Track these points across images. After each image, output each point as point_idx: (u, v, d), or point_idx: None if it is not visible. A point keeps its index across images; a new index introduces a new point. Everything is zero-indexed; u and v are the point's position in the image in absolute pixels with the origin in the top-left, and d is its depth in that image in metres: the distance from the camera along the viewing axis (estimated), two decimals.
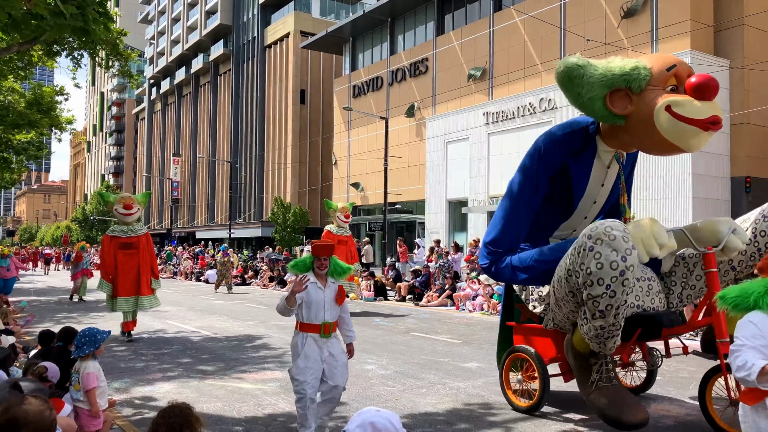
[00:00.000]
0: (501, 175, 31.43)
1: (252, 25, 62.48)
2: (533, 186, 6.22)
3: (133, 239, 11.26)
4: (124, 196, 11.58)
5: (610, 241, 4.90)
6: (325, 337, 5.36)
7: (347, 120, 44.57)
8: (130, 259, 11.19)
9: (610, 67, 5.62)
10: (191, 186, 74.00)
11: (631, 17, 26.88)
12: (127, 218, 11.31)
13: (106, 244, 11.38)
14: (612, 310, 5.02)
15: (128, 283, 11.13)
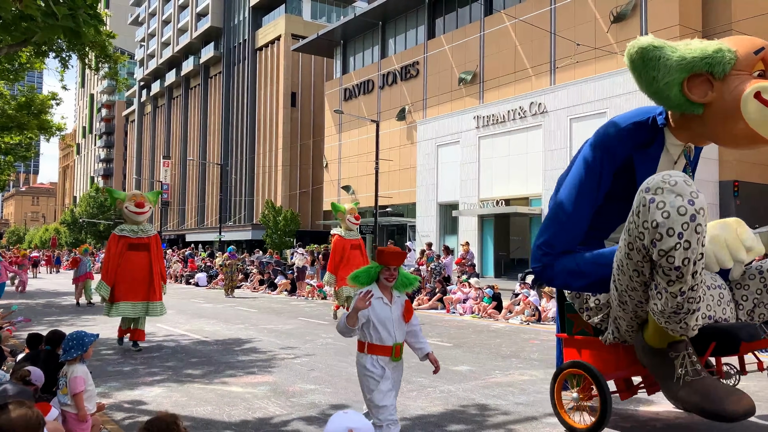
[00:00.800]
0: (491, 179, 31.52)
1: (243, 28, 62.38)
2: (595, 182, 5.60)
3: (143, 240, 10.58)
4: (136, 193, 10.84)
5: (672, 186, 4.43)
6: (395, 361, 4.65)
7: (338, 123, 44.56)
8: (139, 261, 10.48)
9: (690, 48, 5.09)
10: (181, 188, 73.73)
11: (620, 22, 27.06)
12: (139, 217, 10.62)
13: (113, 243, 10.53)
14: (689, 265, 4.39)
15: (137, 287, 10.40)
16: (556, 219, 5.83)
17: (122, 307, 10.37)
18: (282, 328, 13.14)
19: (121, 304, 10.35)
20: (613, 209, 5.74)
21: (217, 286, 26.69)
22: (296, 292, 22.16)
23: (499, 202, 30.44)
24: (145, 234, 10.64)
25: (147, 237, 10.64)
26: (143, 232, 10.62)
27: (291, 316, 15.67)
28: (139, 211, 10.60)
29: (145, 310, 10.47)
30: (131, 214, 10.60)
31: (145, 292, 10.47)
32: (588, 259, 5.55)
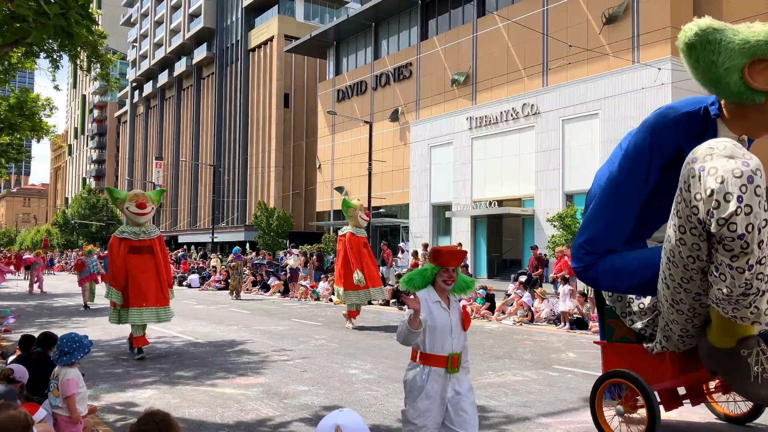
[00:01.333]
0: (484, 180, 31.58)
1: (236, 29, 62.27)
2: (643, 175, 5.16)
3: (146, 242, 9.97)
4: (137, 193, 10.18)
5: (721, 150, 4.10)
6: (451, 372, 4.16)
7: (331, 124, 44.55)
8: (142, 265, 9.88)
9: (753, 31, 4.63)
10: (174, 190, 73.51)
11: (612, 23, 27.15)
12: (140, 218, 9.98)
13: (114, 247, 9.94)
14: (754, 232, 3.93)
15: (144, 293, 9.77)
16: (600, 214, 5.36)
17: (132, 313, 9.74)
18: (275, 330, 13.11)
19: (130, 310, 9.73)
20: (657, 205, 5.27)
21: (209, 287, 26.62)
22: (289, 294, 22.12)
23: (492, 203, 30.49)
24: (148, 236, 10.02)
25: (150, 239, 10.03)
26: (145, 233, 10.02)
27: (284, 317, 15.65)
28: (140, 212, 9.97)
29: (155, 316, 9.91)
30: (132, 216, 10.00)
31: (153, 297, 9.87)
32: (637, 257, 5.15)
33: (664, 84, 23.94)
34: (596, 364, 9.14)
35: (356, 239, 13.76)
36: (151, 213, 10.13)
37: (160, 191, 10.88)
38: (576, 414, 6.44)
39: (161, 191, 10.97)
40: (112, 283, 9.80)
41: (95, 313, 16.93)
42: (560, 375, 8.40)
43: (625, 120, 25.55)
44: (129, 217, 10.07)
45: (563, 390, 7.48)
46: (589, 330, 12.78)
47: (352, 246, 13.61)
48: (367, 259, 13.74)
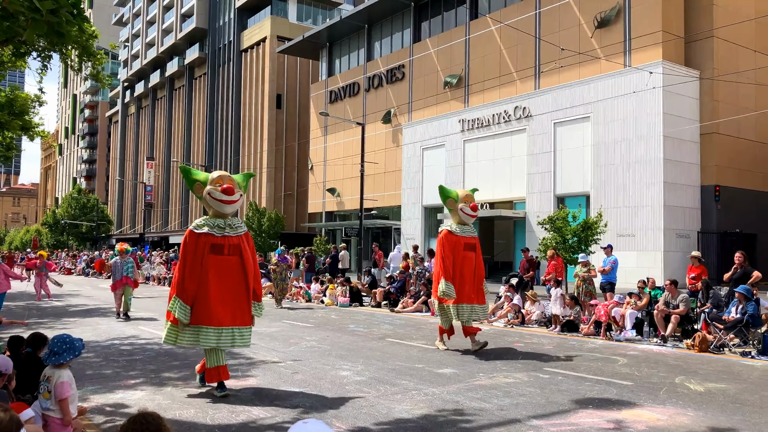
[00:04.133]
0: (476, 182, 31.62)
1: (228, 29, 62.15)
2: None
3: (232, 240, 7.59)
4: (222, 175, 7.81)
5: None
6: None
7: (324, 125, 44.53)
8: (225, 270, 7.48)
9: None
10: (165, 190, 73.25)
11: (604, 27, 27.28)
12: (226, 207, 7.66)
13: (190, 244, 7.51)
14: None
15: (224, 307, 7.39)
16: None
17: (203, 334, 7.27)
18: (266, 331, 13.08)
19: (202, 330, 7.28)
20: None
21: None
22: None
23: (484, 205, 30.54)
24: (234, 231, 7.70)
25: (237, 235, 7.68)
26: (231, 228, 7.69)
27: (275, 318, 15.61)
28: (227, 199, 7.61)
29: (231, 339, 7.42)
30: (217, 203, 7.60)
31: (233, 313, 7.44)
32: None
33: (656, 88, 24.07)
34: (586, 366, 9.19)
35: (454, 239, 10.64)
36: (239, 201, 7.81)
37: (247, 174, 8.62)
38: (566, 416, 6.46)
39: (249, 174, 8.67)
40: (180, 291, 7.39)
41: (85, 313, 16.85)
42: (551, 377, 8.42)
43: (617, 123, 25.67)
44: (211, 205, 7.69)
45: (554, 392, 7.51)
46: (580, 332, 12.83)
47: (446, 247, 10.60)
48: (470, 267, 10.66)
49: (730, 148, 26.20)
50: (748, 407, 6.87)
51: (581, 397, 7.28)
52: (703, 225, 25.55)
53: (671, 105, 24.61)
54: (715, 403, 7.02)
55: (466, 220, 10.92)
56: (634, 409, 6.74)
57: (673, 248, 24.26)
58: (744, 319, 10.87)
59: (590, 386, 7.86)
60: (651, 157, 24.50)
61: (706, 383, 8.11)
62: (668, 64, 24.74)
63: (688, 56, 26.25)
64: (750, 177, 27.02)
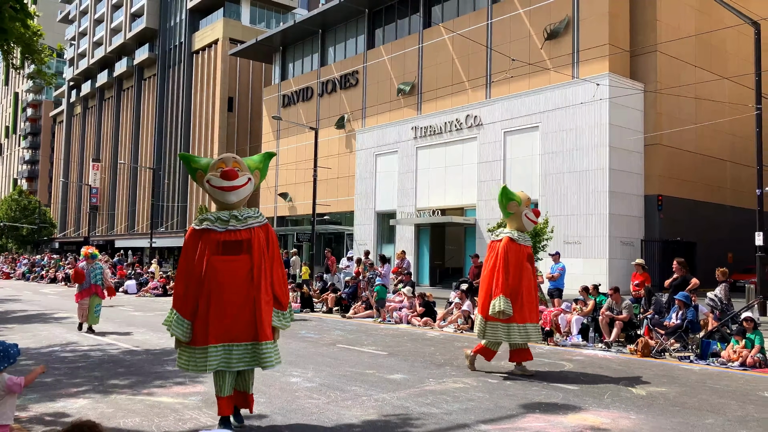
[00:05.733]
0: (428, 189, 31.89)
1: (179, 30, 61.16)
2: None
3: (242, 235, 6.20)
4: (225, 157, 6.42)
5: None
6: None
7: (276, 129, 44.21)
8: (231, 272, 6.10)
9: None
10: (111, 193, 71.42)
11: (553, 39, 27.93)
12: (229, 195, 6.20)
13: (190, 244, 6.28)
14: None
15: (232, 319, 6.03)
16: None
17: (211, 354, 5.97)
18: None
19: (210, 350, 5.96)
20: None
21: (147, 293, 25.94)
22: None
23: (435, 211, 30.82)
24: (243, 224, 6.26)
25: (246, 228, 6.25)
26: (238, 220, 6.26)
27: None
28: (227, 185, 6.18)
29: (249, 358, 6.08)
30: (216, 191, 6.26)
31: (247, 327, 6.06)
32: None
33: (602, 99, 24.76)
34: (534, 371, 9.34)
35: (516, 248, 9.23)
36: (246, 187, 6.30)
37: (268, 154, 6.90)
38: (514, 421, 6.56)
39: (269, 154, 6.92)
40: (178, 303, 6.15)
41: (25, 319, 16.26)
42: (499, 382, 8.54)
43: (564, 133, 26.29)
44: (212, 195, 6.38)
45: (502, 397, 7.62)
46: None
47: (509, 258, 9.12)
48: (528, 280, 9.26)
49: (672, 159, 27.14)
50: (687, 410, 7.11)
51: (528, 401, 7.41)
52: (646, 233, 26.36)
53: (617, 116, 25.35)
54: (657, 406, 7.24)
55: (527, 226, 9.59)
56: (579, 413, 6.89)
57: (617, 255, 24.94)
58: (683, 324, 11.25)
59: (537, 391, 8.00)
60: (597, 166, 25.16)
61: (648, 387, 8.35)
62: (614, 77, 25.49)
63: (633, 69, 27.10)
64: (690, 187, 28.04)
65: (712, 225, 28.66)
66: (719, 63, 29.63)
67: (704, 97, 27.85)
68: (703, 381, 8.93)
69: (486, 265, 9.53)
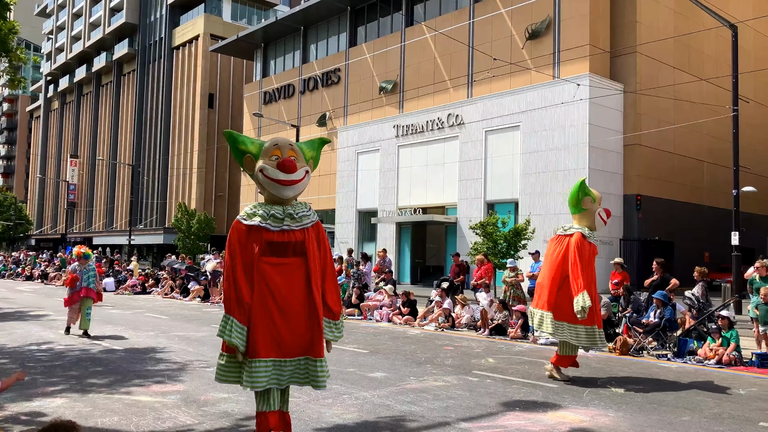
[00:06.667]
0: (410, 187, 31.92)
1: (159, 26, 60.59)
2: None
3: (295, 235, 5.42)
4: (281, 143, 5.50)
5: None
6: None
7: (257, 126, 43.99)
8: (287, 278, 5.41)
9: None
10: (89, 189, 70.58)
11: (535, 39, 28.08)
12: (286, 190, 5.40)
13: (238, 239, 5.44)
14: None
15: (284, 331, 5.33)
16: None
17: (260, 369, 5.20)
18: (194, 336, 12.79)
19: (259, 364, 5.20)
20: None
21: (126, 291, 25.68)
22: (210, 299, 21.63)
23: (417, 210, 30.86)
24: (299, 223, 5.47)
25: (301, 228, 5.47)
26: (293, 218, 5.46)
27: (204, 323, 15.28)
28: (286, 179, 5.36)
29: (302, 375, 5.41)
30: (272, 184, 5.40)
31: (301, 340, 5.39)
32: None
33: (583, 100, 24.95)
34: (514, 369, 9.41)
35: (587, 247, 8.85)
36: (304, 181, 5.52)
37: (320, 141, 6.02)
38: (494, 419, 6.60)
39: (322, 141, 6.07)
40: (232, 306, 5.29)
41: (0, 317, 16.01)
42: (480, 380, 8.58)
43: (545, 133, 26.46)
44: (265, 186, 5.50)
45: (483, 395, 7.65)
46: (508, 336, 13.12)
47: (582, 254, 8.65)
48: (595, 282, 8.90)
49: (650, 159, 27.43)
50: (665, 407, 7.20)
51: (508, 399, 7.45)
52: (625, 232, 26.64)
53: (597, 116, 25.57)
54: (635, 404, 7.32)
55: (598, 226, 9.16)
56: (558, 411, 6.95)
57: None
58: (661, 323, 11.39)
59: (517, 389, 8.05)
60: (577, 166, 25.36)
61: (626, 385, 8.44)
62: (595, 77, 25.70)
63: (613, 70, 27.35)
64: (669, 187, 28.37)
65: (689, 225, 29.04)
66: (697, 65, 30.01)
67: (683, 99, 28.20)
68: (681, 379, 9.05)
69: (550, 258, 8.97)
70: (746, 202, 24.63)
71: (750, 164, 27.16)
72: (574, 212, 9.32)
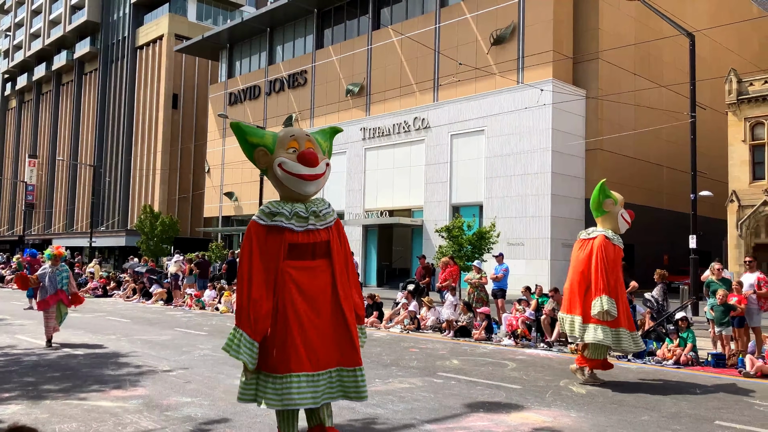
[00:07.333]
0: (376, 190, 31.97)
1: (122, 24, 59.57)
2: None
3: (321, 235, 5.05)
4: (297, 134, 5.13)
5: None
6: None
7: (222, 127, 43.55)
8: (315, 282, 5.02)
9: None
10: (48, 190, 68.96)
11: (500, 45, 28.39)
12: (308, 185, 5.02)
13: (256, 242, 4.93)
14: None
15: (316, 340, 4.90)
16: None
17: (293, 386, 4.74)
18: (157, 339, 12.60)
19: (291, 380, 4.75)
20: None
21: (86, 294, 25.14)
22: (173, 302, 21.33)
23: (383, 212, 30.93)
24: (323, 221, 5.10)
25: (326, 227, 5.11)
26: (317, 216, 5.08)
27: (167, 326, 15.06)
28: (308, 173, 4.96)
29: (338, 388, 5.03)
30: (292, 179, 4.98)
31: (334, 349, 5.01)
32: None
33: (546, 105, 25.32)
34: (479, 371, 9.49)
35: (612, 249, 8.82)
36: (326, 175, 5.19)
37: (332, 130, 5.82)
38: (458, 420, 6.65)
39: (335, 130, 5.89)
40: (245, 317, 4.81)
41: None
42: (444, 382, 8.63)
43: (509, 137, 26.77)
44: (284, 182, 5.04)
45: (447, 396, 7.70)
46: (472, 338, 13.23)
47: (606, 257, 8.69)
48: (622, 285, 8.95)
49: (611, 163, 27.96)
50: (625, 407, 7.35)
51: (473, 400, 7.51)
52: None
53: (559, 121, 25.97)
54: (596, 404, 7.45)
55: (621, 228, 9.17)
56: (522, 412, 7.04)
57: (559, 257, 25.54)
58: None
59: (481, 390, 8.13)
60: (540, 170, 25.72)
61: (587, 386, 8.59)
62: (558, 83, 26.11)
63: (576, 76, 27.82)
64: (629, 191, 28.81)
65: (649, 228, 29.65)
66: (657, 72, 30.70)
67: (643, 105, 28.82)
68: (640, 379, 9.24)
69: (575, 263, 8.98)
70: (703, 206, 25.28)
71: (707, 169, 27.88)
72: (596, 215, 9.28)
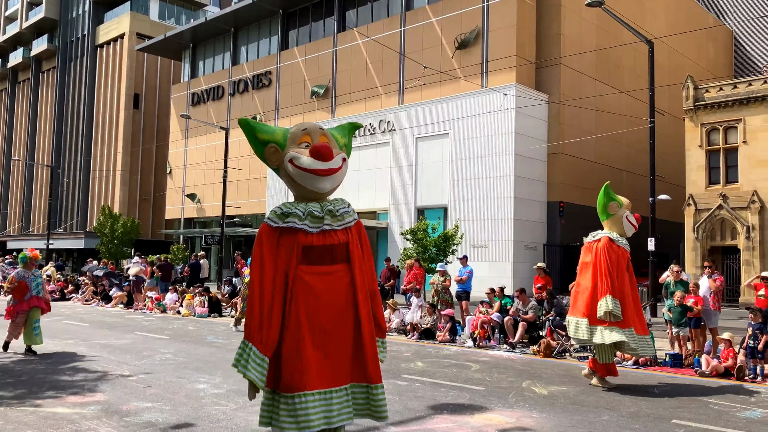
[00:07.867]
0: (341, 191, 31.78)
1: (82, 22, 58.34)
2: None
3: (338, 237, 4.68)
4: (310, 128, 4.79)
5: None
6: None
7: (185, 128, 42.99)
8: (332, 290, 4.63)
9: None
10: (3, 191, 67.15)
11: (464, 49, 28.64)
12: (323, 181, 4.66)
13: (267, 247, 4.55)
14: None
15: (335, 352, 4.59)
16: None
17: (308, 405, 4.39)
18: (116, 343, 12.35)
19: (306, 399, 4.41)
20: None
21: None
22: (133, 305, 20.94)
23: None
24: (341, 221, 4.73)
25: (344, 228, 4.74)
26: (334, 216, 4.70)
27: (127, 330, 14.78)
28: (323, 168, 4.60)
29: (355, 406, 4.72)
30: (306, 176, 4.64)
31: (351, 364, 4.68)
32: None
33: (509, 109, 25.61)
34: (442, 373, 9.53)
35: (617, 251, 8.87)
36: (342, 171, 4.81)
37: (352, 126, 5.53)
38: (423, 422, 6.67)
39: (354, 126, 5.58)
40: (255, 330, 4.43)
41: None
42: (409, 384, 8.65)
43: (473, 141, 27.00)
44: (296, 179, 4.70)
45: (411, 399, 7.72)
46: (436, 340, 13.28)
47: (610, 258, 8.75)
48: (629, 287, 8.83)
49: (573, 167, 28.42)
50: (586, 407, 7.46)
51: (437, 402, 7.54)
52: (548, 238, 27.47)
53: (522, 125, 26.30)
54: (558, 405, 7.55)
55: (628, 231, 9.13)
56: (485, 414, 7.09)
57: (521, 259, 25.85)
58: None
59: (445, 392, 8.16)
60: (503, 173, 26.00)
61: (549, 386, 8.70)
62: (521, 87, 26.45)
63: (538, 81, 28.22)
64: (590, 194, 29.37)
65: None
66: (617, 78, 31.32)
67: (604, 110, 29.37)
68: None
69: (582, 266, 9.04)
70: (661, 210, 25.84)
71: (665, 173, 28.53)
72: (602, 219, 9.32)
